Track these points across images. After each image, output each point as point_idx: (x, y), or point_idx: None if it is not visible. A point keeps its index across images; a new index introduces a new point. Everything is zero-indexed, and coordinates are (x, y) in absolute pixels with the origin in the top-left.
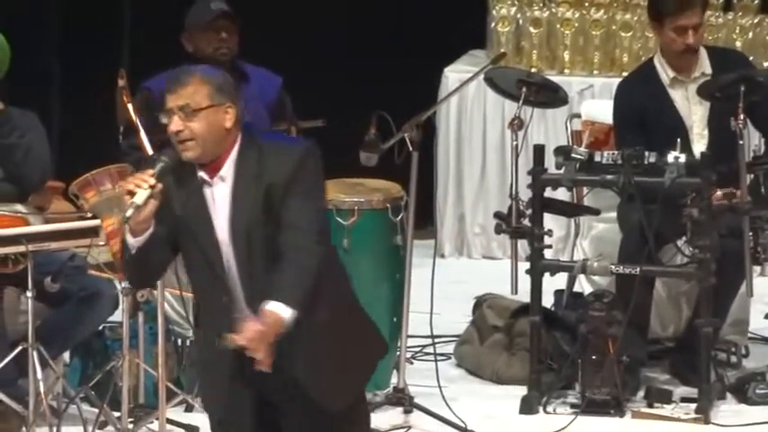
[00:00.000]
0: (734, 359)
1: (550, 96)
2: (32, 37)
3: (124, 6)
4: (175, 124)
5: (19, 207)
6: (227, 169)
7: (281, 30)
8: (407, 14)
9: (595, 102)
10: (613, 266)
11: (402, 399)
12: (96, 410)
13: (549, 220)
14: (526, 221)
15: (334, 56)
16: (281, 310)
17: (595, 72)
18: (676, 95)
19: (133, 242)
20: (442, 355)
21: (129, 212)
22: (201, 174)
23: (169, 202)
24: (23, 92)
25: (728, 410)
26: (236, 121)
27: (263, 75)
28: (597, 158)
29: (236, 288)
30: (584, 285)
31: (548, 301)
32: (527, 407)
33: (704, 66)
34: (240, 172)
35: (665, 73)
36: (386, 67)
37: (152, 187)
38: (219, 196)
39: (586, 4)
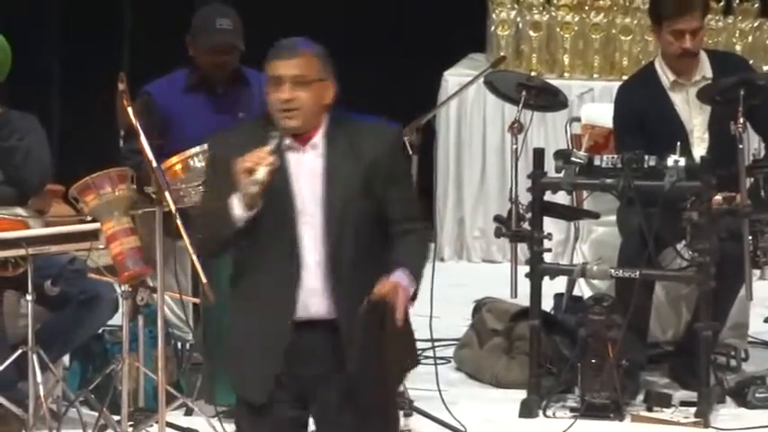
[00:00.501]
0: (733, 363)
1: (550, 100)
2: (32, 39)
3: (124, 8)
4: (286, 92)
5: (19, 210)
6: (319, 139)
7: (280, 32)
8: (407, 18)
9: (595, 105)
10: (613, 270)
11: (402, 402)
12: (96, 414)
13: (549, 224)
14: (526, 225)
15: (333, 59)
16: (409, 284)
17: (595, 76)
18: (677, 99)
19: (244, 216)
20: (441, 358)
21: (254, 189)
22: (288, 140)
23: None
24: (23, 94)
25: (728, 414)
26: (333, 98)
27: (263, 79)
28: (597, 162)
29: (308, 258)
30: (583, 289)
31: (547, 304)
32: (527, 410)
33: (705, 69)
34: (332, 144)
35: (666, 76)
36: (386, 70)
37: (270, 164)
38: (307, 164)
39: (586, 8)
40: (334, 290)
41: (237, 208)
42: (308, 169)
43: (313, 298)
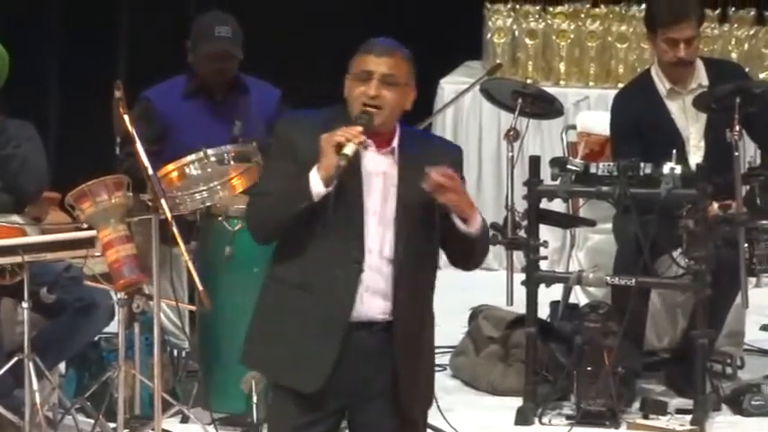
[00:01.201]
0: (729, 370)
1: (546, 108)
2: (30, 45)
3: (122, 13)
4: (373, 88)
5: (16, 218)
6: (395, 144)
7: (278, 41)
8: (403, 25)
9: (591, 113)
10: (609, 278)
11: None
12: (92, 421)
13: (545, 232)
14: (522, 233)
15: (330, 67)
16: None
17: (591, 83)
18: (673, 107)
19: (322, 191)
20: (437, 366)
21: (343, 162)
22: (367, 140)
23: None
24: (21, 101)
25: (724, 422)
26: (411, 106)
27: (262, 87)
28: (593, 170)
29: (370, 257)
30: (579, 297)
31: (543, 312)
32: (522, 418)
33: (701, 77)
34: (406, 151)
35: (662, 84)
36: None
37: (361, 142)
38: (380, 166)
39: (582, 16)
40: (394, 291)
41: (315, 183)
42: (381, 171)
43: (371, 297)
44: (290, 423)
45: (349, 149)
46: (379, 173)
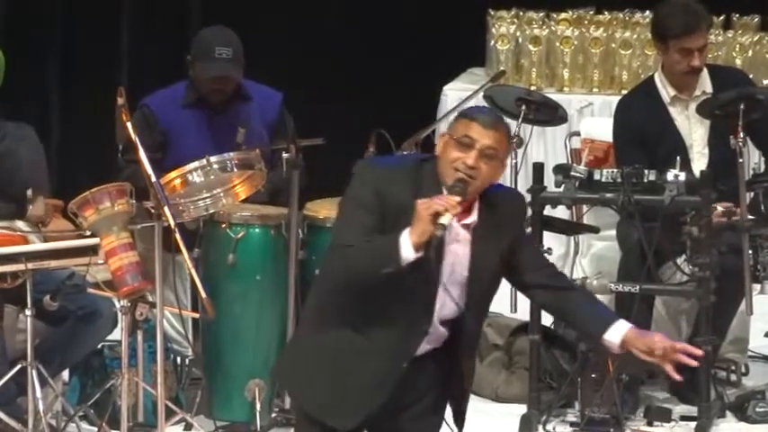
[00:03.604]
0: (734, 377)
1: (550, 114)
2: (32, 54)
3: (123, 20)
4: (473, 159)
5: (20, 224)
6: (474, 217)
7: (281, 46)
8: (407, 32)
9: (595, 120)
10: (613, 284)
11: None
12: (95, 429)
13: (549, 239)
14: None
15: (333, 73)
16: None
17: (595, 90)
18: (677, 114)
19: (412, 257)
20: None
21: (440, 232)
22: None
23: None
24: (23, 108)
25: (728, 429)
26: (498, 179)
27: (263, 92)
28: (596, 176)
29: (436, 320)
30: None
31: (547, 319)
32: (526, 425)
33: (705, 84)
34: (483, 217)
35: (666, 91)
36: (385, 84)
37: (456, 213)
38: (456, 236)
39: (586, 22)
40: (456, 352)
41: (406, 248)
42: (455, 239)
43: (424, 346)
44: None
45: (446, 219)
46: (453, 241)
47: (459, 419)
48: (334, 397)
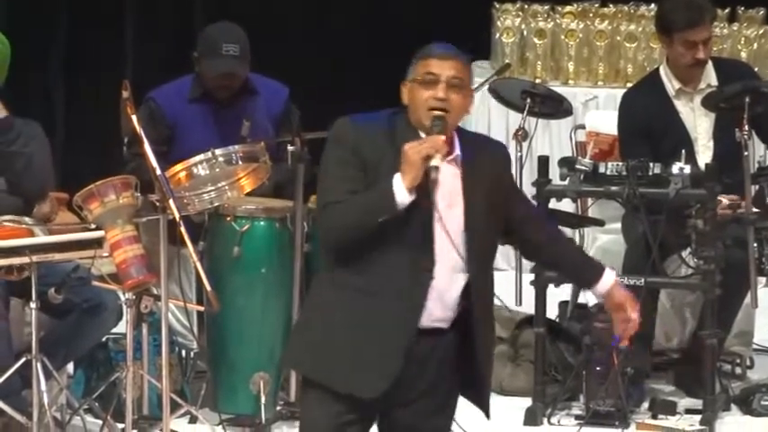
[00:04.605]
0: (738, 370)
1: (555, 107)
2: (37, 46)
3: (128, 14)
4: (442, 91)
5: (26, 220)
6: (457, 147)
7: (285, 40)
8: (410, 25)
9: (600, 113)
10: (618, 277)
11: None
12: (100, 422)
13: None
14: None
15: (339, 67)
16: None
17: (600, 83)
18: (682, 107)
19: (407, 200)
20: None
21: (435, 173)
22: None
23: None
24: (28, 101)
25: (733, 422)
26: (470, 111)
27: (270, 86)
28: (602, 169)
29: (441, 262)
30: (588, 297)
31: (552, 312)
32: (531, 418)
33: (710, 77)
34: (467, 153)
35: (671, 84)
36: (390, 77)
37: (445, 152)
38: (446, 175)
39: (591, 15)
40: (463, 299)
41: (401, 192)
42: (444, 175)
43: (437, 305)
44: (333, 421)
45: (436, 161)
46: (445, 182)
47: (484, 406)
48: (353, 364)
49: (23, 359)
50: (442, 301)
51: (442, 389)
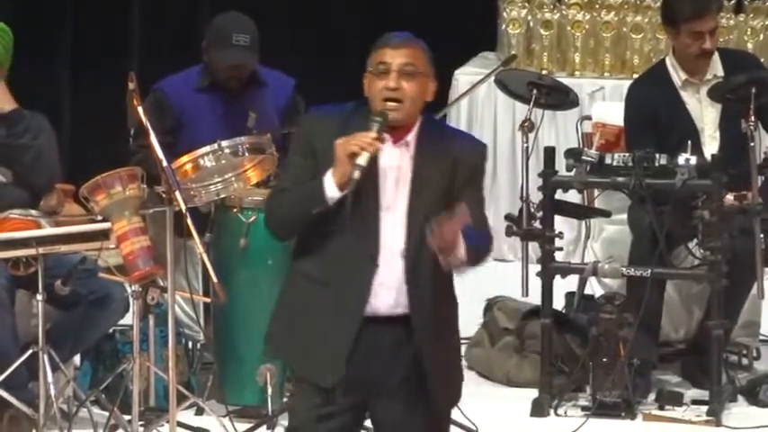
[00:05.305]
0: (745, 361)
1: (561, 98)
2: (43, 37)
3: (134, 5)
4: (393, 80)
5: (32, 211)
6: (412, 138)
7: (291, 32)
8: (417, 16)
9: (606, 104)
10: (624, 269)
11: None
12: (107, 414)
13: (560, 223)
14: (537, 224)
15: (345, 57)
16: (462, 249)
17: (606, 74)
18: (688, 98)
19: (336, 196)
20: None
21: (357, 174)
22: (384, 135)
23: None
24: (34, 92)
25: (740, 413)
26: (431, 97)
27: (277, 78)
28: (608, 160)
29: (386, 253)
30: (594, 288)
31: (559, 303)
32: (538, 409)
33: (716, 68)
34: (423, 145)
35: (677, 75)
36: None
37: (375, 150)
38: (396, 160)
39: (597, 6)
40: (410, 286)
41: (330, 188)
42: (396, 166)
43: (385, 292)
44: (309, 413)
45: (363, 159)
46: (393, 167)
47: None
48: (310, 351)
49: (30, 351)
50: (389, 287)
51: (415, 381)
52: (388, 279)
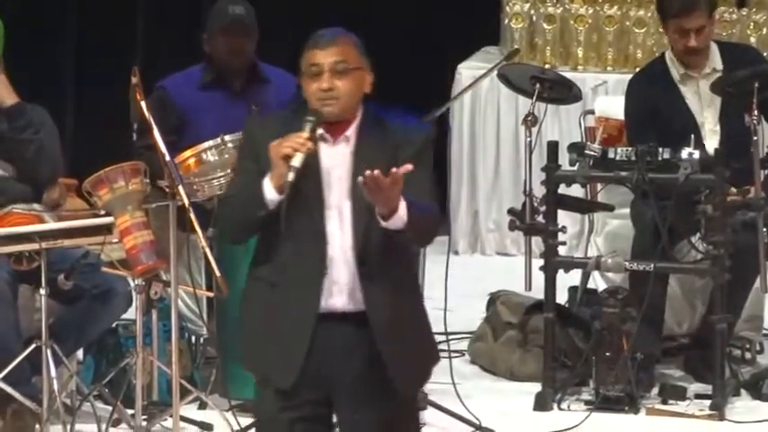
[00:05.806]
0: (748, 355)
1: (564, 93)
2: (46, 32)
3: (139, 1)
4: (326, 81)
5: (35, 206)
6: (351, 132)
7: (297, 27)
8: (421, 11)
9: (609, 98)
10: (627, 263)
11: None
12: (110, 408)
13: (563, 217)
14: (540, 218)
15: None
16: (402, 207)
17: (609, 68)
18: (687, 91)
19: (275, 199)
20: (455, 351)
21: (291, 176)
22: (321, 130)
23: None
24: (38, 87)
25: (743, 407)
26: (370, 88)
27: (280, 75)
28: (611, 155)
29: (335, 251)
30: (598, 282)
31: (562, 297)
32: (541, 403)
33: (715, 62)
34: (364, 138)
35: (676, 69)
36: (399, 63)
37: (308, 150)
38: (337, 156)
39: (600, 1)
40: (361, 283)
41: (269, 191)
42: (338, 162)
43: (338, 290)
44: (272, 407)
45: (297, 161)
46: (335, 166)
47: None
48: (268, 355)
49: (33, 346)
50: (342, 285)
51: (375, 381)
52: (340, 277)
